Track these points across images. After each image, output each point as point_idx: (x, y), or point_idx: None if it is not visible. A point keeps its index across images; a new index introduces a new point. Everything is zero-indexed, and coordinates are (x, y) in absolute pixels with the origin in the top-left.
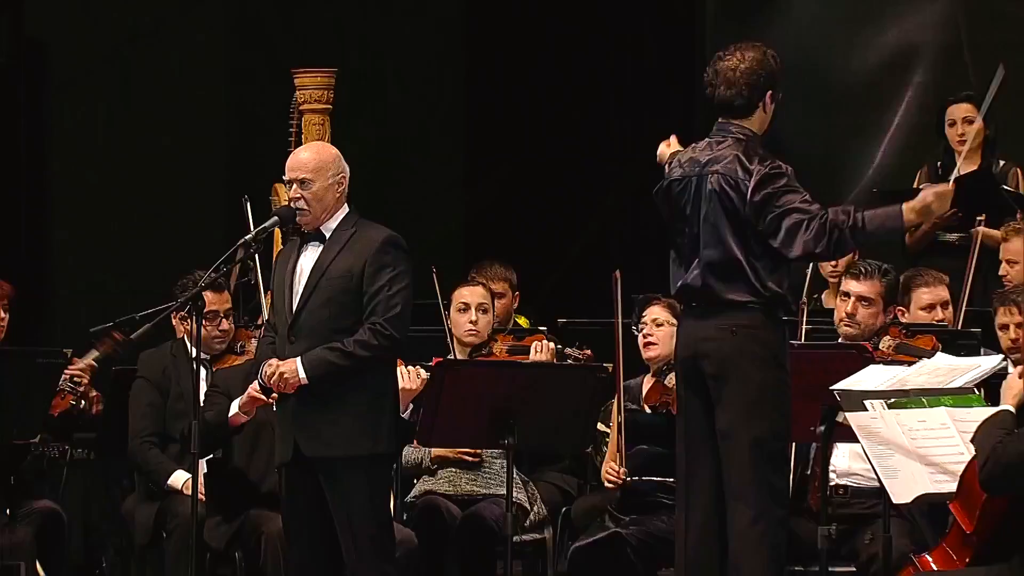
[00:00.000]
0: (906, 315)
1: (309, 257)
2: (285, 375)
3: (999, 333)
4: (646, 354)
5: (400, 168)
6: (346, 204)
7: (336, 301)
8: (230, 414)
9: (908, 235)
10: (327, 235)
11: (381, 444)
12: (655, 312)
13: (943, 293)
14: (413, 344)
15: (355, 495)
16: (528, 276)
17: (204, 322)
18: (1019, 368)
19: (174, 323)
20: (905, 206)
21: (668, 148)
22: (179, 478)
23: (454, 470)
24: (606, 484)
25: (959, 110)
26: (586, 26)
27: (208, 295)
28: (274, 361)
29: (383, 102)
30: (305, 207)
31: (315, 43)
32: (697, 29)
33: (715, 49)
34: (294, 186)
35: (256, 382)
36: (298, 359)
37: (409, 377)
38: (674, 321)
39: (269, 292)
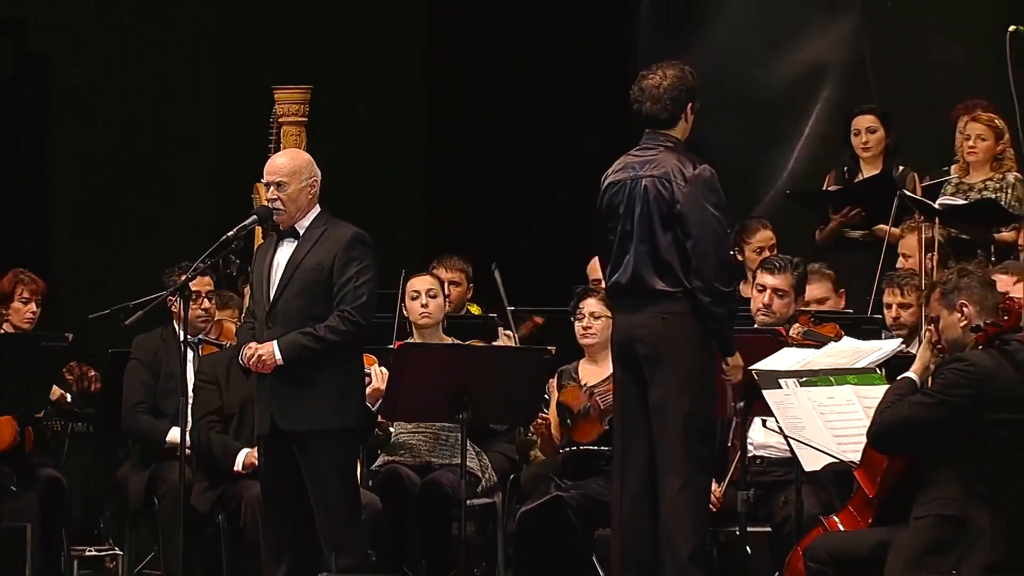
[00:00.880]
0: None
1: (284, 252)
2: (263, 357)
3: (885, 310)
4: (584, 341)
5: (369, 172)
6: (318, 205)
7: (309, 291)
8: (235, 467)
9: (819, 231)
10: (301, 232)
11: (349, 419)
12: (592, 305)
13: (829, 285)
14: (376, 329)
15: (326, 465)
16: (484, 271)
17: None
18: (927, 335)
19: (173, 309)
20: (736, 355)
21: None
22: (176, 433)
23: (412, 442)
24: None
25: (863, 121)
26: (537, 36)
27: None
28: (253, 344)
29: (353, 113)
30: (281, 207)
31: (293, 59)
32: (631, 44)
33: (648, 62)
34: (272, 188)
35: (256, 451)
36: (275, 342)
37: (382, 377)
38: (609, 313)
39: (249, 283)
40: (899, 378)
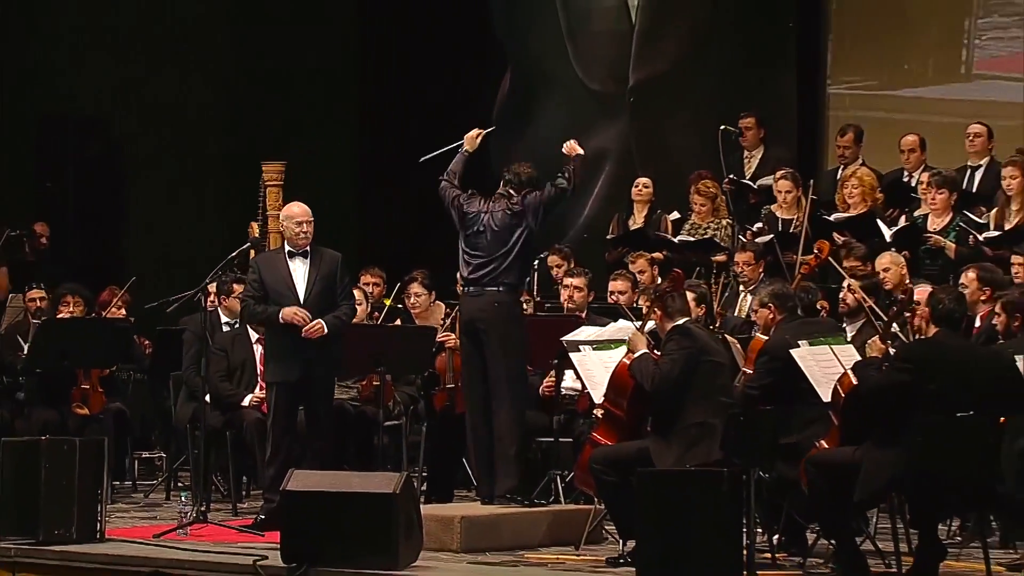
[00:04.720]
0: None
1: (300, 265)
2: (318, 328)
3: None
4: (414, 311)
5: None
6: None
7: (324, 292)
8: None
9: (608, 254)
10: (309, 251)
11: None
12: (416, 288)
13: (629, 283)
14: None
15: (328, 396)
16: (397, 274)
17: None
18: (637, 329)
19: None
20: None
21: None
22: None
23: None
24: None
25: (640, 180)
26: (433, 115)
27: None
28: (309, 318)
29: (301, 177)
30: (310, 236)
31: (264, 137)
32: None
33: (500, 143)
34: (303, 224)
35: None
36: (322, 320)
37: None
38: (428, 294)
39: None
40: (638, 356)
